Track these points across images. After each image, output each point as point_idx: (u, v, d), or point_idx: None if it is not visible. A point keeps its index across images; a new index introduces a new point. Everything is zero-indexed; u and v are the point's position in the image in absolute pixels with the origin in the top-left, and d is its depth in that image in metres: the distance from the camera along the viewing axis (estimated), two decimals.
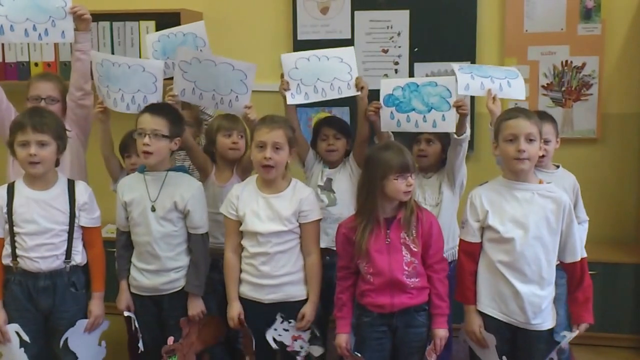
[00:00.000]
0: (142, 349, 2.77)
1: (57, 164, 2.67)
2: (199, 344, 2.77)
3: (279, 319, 2.64)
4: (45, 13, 2.78)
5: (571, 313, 2.54)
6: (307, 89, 2.98)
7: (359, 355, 2.53)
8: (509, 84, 2.90)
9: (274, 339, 2.64)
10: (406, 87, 2.87)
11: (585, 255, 2.53)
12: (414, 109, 2.86)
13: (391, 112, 2.88)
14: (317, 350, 2.70)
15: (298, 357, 2.67)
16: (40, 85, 2.96)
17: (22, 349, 2.62)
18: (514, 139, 2.44)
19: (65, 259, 2.64)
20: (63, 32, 2.82)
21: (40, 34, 2.80)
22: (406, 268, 2.48)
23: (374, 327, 2.53)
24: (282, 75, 3.00)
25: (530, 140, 2.43)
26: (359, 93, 2.98)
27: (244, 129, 3.03)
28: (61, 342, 2.64)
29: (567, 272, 2.51)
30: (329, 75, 2.98)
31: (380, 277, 2.48)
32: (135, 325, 2.77)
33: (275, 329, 2.64)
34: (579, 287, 2.50)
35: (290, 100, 2.97)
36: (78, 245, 2.68)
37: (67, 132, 2.71)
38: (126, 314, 2.78)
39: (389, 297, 2.48)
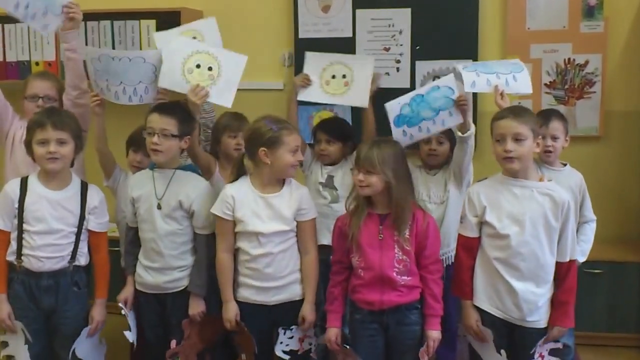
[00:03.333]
0: (134, 343, 2.75)
1: (72, 164, 2.66)
2: (200, 344, 2.75)
3: (280, 332, 2.62)
4: (42, 0, 2.76)
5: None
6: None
7: (348, 347, 2.52)
8: (514, 79, 2.87)
9: (284, 351, 2.62)
10: (412, 102, 2.85)
11: (576, 258, 2.50)
12: (423, 119, 2.84)
13: (403, 131, 2.87)
14: (322, 339, 2.69)
15: (311, 354, 2.67)
16: (37, 84, 2.94)
17: (26, 346, 2.61)
18: (501, 139, 2.42)
19: (70, 259, 2.63)
20: (47, 25, 2.80)
21: (28, 14, 2.76)
22: (397, 265, 2.46)
23: (365, 325, 2.52)
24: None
25: (517, 140, 2.40)
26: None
27: None
28: (70, 354, 2.63)
29: (555, 269, 2.48)
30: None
31: (371, 271, 2.47)
32: (127, 319, 2.75)
33: (282, 342, 2.63)
34: (559, 288, 2.47)
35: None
36: (84, 247, 2.68)
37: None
38: (120, 305, 2.75)
39: (379, 294, 2.47)
